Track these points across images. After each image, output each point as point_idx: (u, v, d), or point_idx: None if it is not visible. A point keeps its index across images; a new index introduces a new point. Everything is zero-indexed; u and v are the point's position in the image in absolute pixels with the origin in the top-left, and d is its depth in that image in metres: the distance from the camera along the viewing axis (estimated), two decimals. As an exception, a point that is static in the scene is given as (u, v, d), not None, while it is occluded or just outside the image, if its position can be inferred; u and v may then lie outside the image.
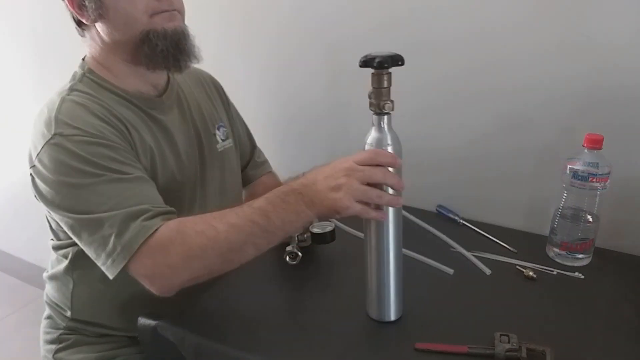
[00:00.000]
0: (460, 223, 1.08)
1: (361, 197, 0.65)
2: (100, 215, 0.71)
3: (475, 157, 1.09)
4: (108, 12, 0.79)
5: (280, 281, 0.89)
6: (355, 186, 0.65)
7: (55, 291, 0.95)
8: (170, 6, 0.81)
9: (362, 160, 0.66)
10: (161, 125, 0.88)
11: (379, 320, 0.76)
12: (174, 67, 0.84)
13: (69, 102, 0.78)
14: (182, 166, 0.90)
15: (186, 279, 0.71)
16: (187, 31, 0.84)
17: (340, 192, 0.65)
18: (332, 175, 0.66)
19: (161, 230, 0.70)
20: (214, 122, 1.00)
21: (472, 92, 1.05)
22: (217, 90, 1.08)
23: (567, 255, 0.92)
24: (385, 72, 0.66)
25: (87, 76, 0.84)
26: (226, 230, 0.69)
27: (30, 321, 2.00)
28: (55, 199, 0.74)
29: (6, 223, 2.27)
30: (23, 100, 1.93)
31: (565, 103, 0.96)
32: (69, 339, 0.94)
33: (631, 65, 0.89)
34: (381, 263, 0.73)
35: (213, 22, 1.34)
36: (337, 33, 1.17)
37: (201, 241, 0.69)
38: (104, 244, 0.71)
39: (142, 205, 0.72)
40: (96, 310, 0.92)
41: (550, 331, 0.74)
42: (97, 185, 0.72)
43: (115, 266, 0.71)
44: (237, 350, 0.72)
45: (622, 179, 0.92)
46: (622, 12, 0.87)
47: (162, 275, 0.71)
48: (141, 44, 0.80)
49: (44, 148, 0.74)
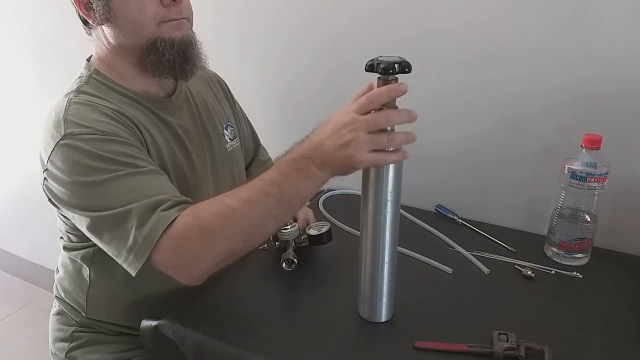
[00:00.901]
0: (459, 223, 1.09)
1: (372, 147, 0.64)
2: (119, 210, 0.70)
3: (474, 157, 1.09)
4: (115, 17, 0.78)
5: (279, 281, 0.90)
6: (362, 138, 0.63)
7: (68, 290, 0.94)
8: (179, 15, 0.80)
9: (360, 108, 0.64)
10: (171, 127, 0.87)
11: (369, 321, 0.77)
12: (181, 76, 0.83)
13: (76, 104, 0.77)
14: (193, 168, 0.90)
15: (211, 263, 0.70)
16: (194, 39, 0.83)
17: (350, 147, 0.63)
18: (336, 133, 0.64)
19: (179, 219, 0.70)
20: (222, 121, 1.00)
21: (471, 92, 1.05)
22: (222, 88, 1.07)
23: (566, 254, 0.92)
24: (393, 79, 0.65)
25: (94, 77, 0.83)
26: (242, 206, 0.68)
27: (30, 321, 2.01)
28: (73, 199, 0.73)
29: (7, 222, 2.27)
30: (25, 102, 1.93)
31: (563, 103, 0.96)
32: (82, 337, 0.93)
33: (630, 65, 0.89)
34: (375, 264, 0.73)
35: (209, 17, 1.34)
36: (335, 28, 1.17)
37: (219, 221, 0.69)
38: (125, 238, 0.70)
39: (160, 196, 0.71)
40: (112, 310, 0.91)
41: (548, 330, 0.75)
42: (113, 181, 0.71)
43: (138, 260, 0.70)
44: (237, 349, 0.72)
45: (620, 178, 0.93)
46: (621, 13, 0.88)
47: (187, 263, 0.70)
48: (148, 52, 0.79)
49: (54, 150, 0.73)
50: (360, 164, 0.65)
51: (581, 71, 0.93)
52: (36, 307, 2.10)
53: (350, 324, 0.77)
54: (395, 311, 0.78)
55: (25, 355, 1.81)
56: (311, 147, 0.67)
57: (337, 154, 0.64)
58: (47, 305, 0.99)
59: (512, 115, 1.02)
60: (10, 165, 2.15)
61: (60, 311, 0.98)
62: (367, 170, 0.68)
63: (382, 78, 0.65)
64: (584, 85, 0.94)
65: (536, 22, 0.95)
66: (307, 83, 1.26)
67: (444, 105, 1.09)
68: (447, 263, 0.91)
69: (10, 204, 2.22)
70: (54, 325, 0.98)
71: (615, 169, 0.88)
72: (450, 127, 1.10)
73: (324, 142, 0.66)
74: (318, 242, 0.93)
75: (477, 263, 0.92)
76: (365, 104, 0.64)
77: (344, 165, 0.65)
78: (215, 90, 1.04)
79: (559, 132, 0.98)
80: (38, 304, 2.13)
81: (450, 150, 1.11)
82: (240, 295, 0.84)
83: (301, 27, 1.22)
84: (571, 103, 0.96)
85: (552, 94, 0.97)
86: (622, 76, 0.90)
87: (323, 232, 0.92)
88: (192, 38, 0.83)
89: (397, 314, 0.78)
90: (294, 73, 1.27)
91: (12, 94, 1.96)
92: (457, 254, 0.96)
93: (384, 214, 0.69)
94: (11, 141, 2.08)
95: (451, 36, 1.03)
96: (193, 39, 0.83)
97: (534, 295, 0.84)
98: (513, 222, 1.08)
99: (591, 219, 0.91)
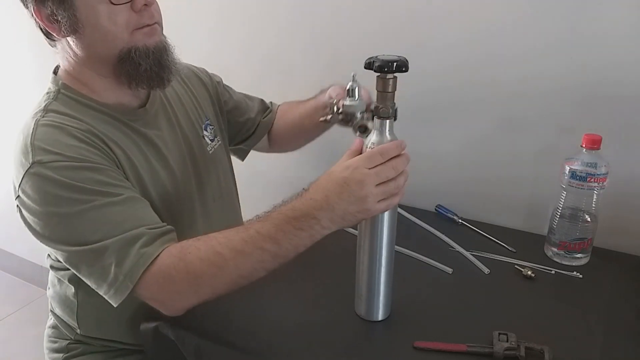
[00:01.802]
0: (459, 223, 1.09)
1: (383, 196, 0.65)
2: (95, 246, 0.67)
3: (474, 157, 1.09)
4: (84, 28, 0.72)
5: (279, 281, 0.89)
6: (375, 192, 0.64)
7: (60, 310, 0.92)
8: (151, 20, 0.75)
9: (372, 163, 0.64)
10: (148, 139, 0.83)
11: (366, 319, 0.77)
12: (159, 84, 0.79)
13: (44, 126, 0.72)
14: (174, 179, 0.86)
15: (195, 303, 0.70)
16: (167, 44, 0.79)
17: (364, 203, 0.64)
18: (346, 191, 0.64)
19: (162, 258, 0.68)
20: (200, 121, 0.96)
21: (471, 92, 1.05)
22: (198, 79, 1.01)
23: (566, 254, 0.92)
24: (390, 77, 0.65)
25: (62, 92, 0.78)
26: (234, 257, 0.67)
27: (30, 321, 2.01)
28: (46, 231, 0.70)
29: (7, 222, 2.27)
30: (23, 100, 1.93)
31: (563, 103, 0.97)
32: (77, 348, 0.93)
33: (629, 66, 0.89)
34: (373, 261, 0.73)
35: (213, 23, 1.34)
36: (337, 33, 1.17)
37: (208, 270, 0.67)
38: (105, 274, 0.68)
39: (137, 229, 0.69)
40: (103, 328, 0.90)
41: (548, 330, 0.75)
42: (87, 212, 0.68)
43: (119, 295, 0.68)
44: (237, 348, 0.72)
45: (620, 179, 0.93)
46: (620, 14, 0.88)
47: (170, 300, 0.70)
48: (122, 62, 0.75)
49: (24, 178, 0.69)
50: (374, 213, 0.66)
51: (581, 71, 0.93)
52: (36, 307, 2.10)
53: (347, 322, 0.77)
54: (394, 311, 0.78)
55: (25, 355, 1.81)
56: (317, 206, 0.65)
57: (350, 210, 0.64)
58: (46, 304, 0.99)
59: (513, 115, 1.02)
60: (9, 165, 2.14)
61: (55, 325, 0.96)
62: None
63: (380, 76, 0.65)
64: (585, 86, 0.94)
65: (537, 23, 0.95)
66: (306, 80, 1.25)
67: (444, 105, 1.09)
68: (447, 263, 0.91)
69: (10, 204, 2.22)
70: (49, 337, 0.97)
71: (615, 169, 0.88)
72: (450, 127, 1.10)
73: (333, 201, 0.64)
74: (364, 130, 0.76)
75: (477, 263, 0.92)
76: (378, 160, 0.64)
77: (356, 220, 0.66)
78: (191, 85, 0.98)
79: (559, 132, 0.98)
80: (38, 304, 2.13)
81: (451, 150, 1.11)
82: (239, 295, 0.84)
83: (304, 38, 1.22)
84: (571, 103, 0.96)
85: (552, 94, 0.97)
86: (623, 76, 0.90)
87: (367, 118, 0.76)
88: (165, 44, 0.78)
89: (397, 314, 0.78)
90: (294, 84, 1.27)
91: (12, 94, 1.96)
92: (457, 254, 0.96)
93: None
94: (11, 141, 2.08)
95: (452, 42, 1.03)
96: (166, 44, 0.79)
97: (534, 295, 0.84)
98: (513, 222, 1.08)
99: (591, 219, 0.91)
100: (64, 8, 0.70)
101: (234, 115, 1.06)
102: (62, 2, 0.70)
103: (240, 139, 1.10)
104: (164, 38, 0.79)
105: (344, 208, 0.64)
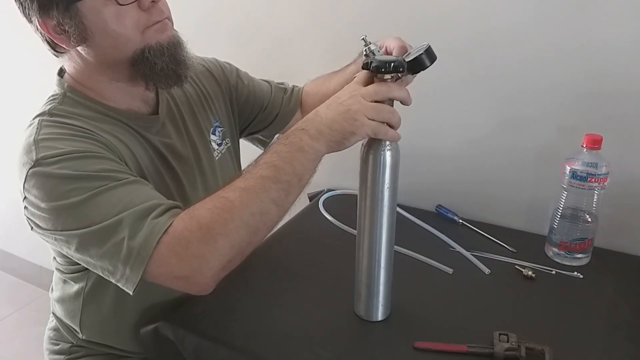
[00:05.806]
0: (459, 223, 1.09)
1: (373, 114, 0.62)
2: (108, 222, 0.64)
3: (474, 157, 1.09)
4: (93, 35, 0.70)
5: (278, 281, 0.90)
6: (364, 103, 0.61)
7: (63, 313, 0.91)
8: (160, 16, 0.73)
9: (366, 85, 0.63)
10: (155, 147, 0.82)
11: (366, 319, 0.77)
12: (176, 83, 0.77)
13: (48, 126, 0.71)
14: (181, 187, 0.85)
15: (218, 266, 0.64)
16: (180, 39, 0.77)
17: (352, 112, 0.61)
18: (335, 102, 0.62)
19: (175, 224, 0.64)
20: (208, 124, 0.94)
21: (471, 92, 1.05)
22: (209, 75, 0.97)
23: (566, 254, 0.92)
24: (389, 78, 0.65)
25: (68, 96, 0.76)
26: (240, 196, 0.64)
27: (30, 321, 2.01)
28: (56, 223, 0.67)
29: (7, 222, 2.27)
30: (26, 101, 1.93)
31: (564, 103, 0.96)
32: (79, 351, 0.92)
33: (630, 66, 0.89)
34: (372, 260, 0.73)
35: (205, 15, 1.34)
36: (338, 31, 1.17)
37: (219, 217, 0.63)
38: (118, 251, 0.64)
39: (149, 202, 0.66)
40: (105, 334, 0.89)
41: (549, 330, 0.75)
42: (96, 197, 0.66)
43: (136, 272, 0.64)
44: (236, 349, 0.72)
45: (621, 179, 0.93)
46: (620, 14, 0.88)
47: (192, 270, 0.64)
48: (136, 64, 0.73)
49: (28, 177, 0.68)
50: (361, 129, 0.63)
51: (582, 71, 0.93)
52: (36, 307, 2.10)
53: (347, 322, 0.77)
54: (394, 311, 0.78)
55: (25, 355, 1.81)
56: (305, 119, 0.65)
57: (335, 119, 0.63)
58: (47, 305, 0.99)
59: (513, 115, 1.02)
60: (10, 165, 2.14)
61: (56, 327, 0.95)
62: (365, 165, 0.68)
63: (378, 76, 0.65)
64: (585, 86, 0.94)
65: (537, 23, 0.94)
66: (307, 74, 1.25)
67: (445, 105, 1.08)
68: (447, 263, 0.91)
69: (10, 204, 2.22)
70: (50, 339, 0.96)
71: (615, 169, 0.88)
72: (450, 127, 1.10)
73: (320, 111, 0.63)
74: (418, 66, 0.69)
75: (477, 263, 0.92)
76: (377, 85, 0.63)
77: (341, 130, 0.63)
78: (202, 84, 0.95)
79: (560, 132, 0.98)
80: (38, 304, 2.13)
81: (451, 150, 1.11)
82: (239, 295, 0.84)
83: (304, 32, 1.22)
84: (572, 103, 0.96)
85: (553, 94, 0.97)
86: (623, 76, 0.90)
87: (422, 54, 0.68)
88: (178, 38, 0.76)
89: (397, 314, 0.78)
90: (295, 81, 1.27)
91: (12, 94, 1.97)
92: (457, 254, 0.96)
93: (380, 209, 0.69)
94: (11, 141, 2.08)
95: (450, 36, 1.03)
96: (179, 39, 0.77)
97: (534, 295, 0.84)
98: (514, 222, 1.08)
99: (592, 219, 0.91)
100: (70, 16, 0.69)
101: (249, 106, 1.03)
102: (67, 10, 0.68)
103: (256, 129, 1.07)
104: (176, 32, 0.77)
105: (331, 116, 0.63)
